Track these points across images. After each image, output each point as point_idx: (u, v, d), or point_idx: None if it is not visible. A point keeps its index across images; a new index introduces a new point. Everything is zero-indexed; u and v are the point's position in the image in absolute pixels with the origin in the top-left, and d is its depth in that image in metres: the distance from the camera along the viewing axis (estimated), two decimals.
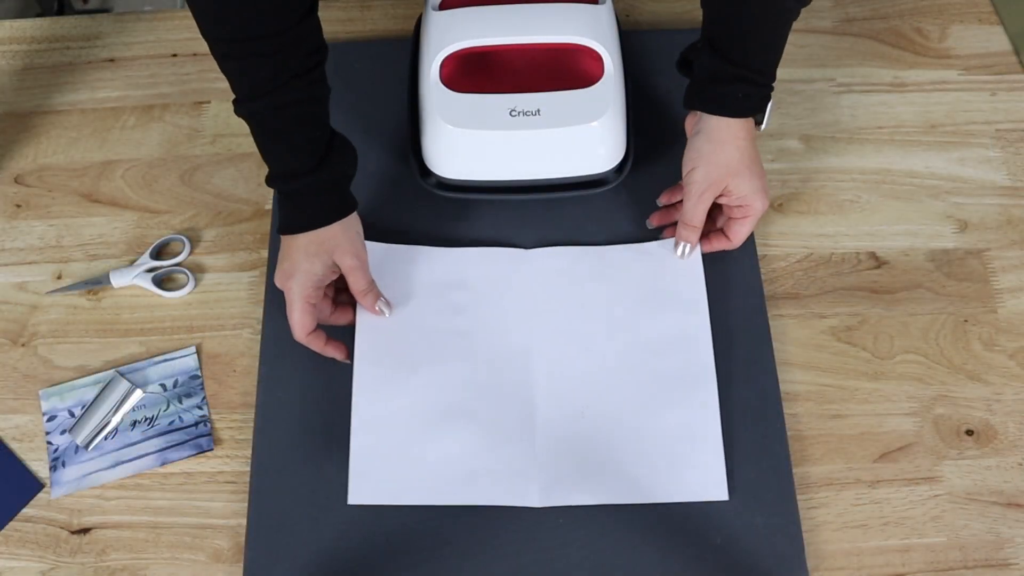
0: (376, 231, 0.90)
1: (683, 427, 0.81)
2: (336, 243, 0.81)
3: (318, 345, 0.83)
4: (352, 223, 0.83)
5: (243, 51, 0.75)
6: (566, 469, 0.79)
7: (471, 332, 0.85)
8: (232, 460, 0.82)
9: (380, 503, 0.78)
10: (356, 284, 0.83)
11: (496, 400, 0.82)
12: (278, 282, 0.82)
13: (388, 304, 0.85)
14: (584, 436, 0.81)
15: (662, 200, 0.91)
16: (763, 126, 0.87)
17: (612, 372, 0.83)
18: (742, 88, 0.83)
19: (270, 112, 0.77)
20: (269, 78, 0.76)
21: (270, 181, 0.82)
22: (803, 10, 0.81)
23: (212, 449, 0.82)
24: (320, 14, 0.76)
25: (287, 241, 0.82)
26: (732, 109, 0.84)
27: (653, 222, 0.91)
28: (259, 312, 0.88)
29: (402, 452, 0.80)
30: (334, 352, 0.83)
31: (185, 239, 0.92)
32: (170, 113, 1.00)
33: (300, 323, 0.81)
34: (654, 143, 0.94)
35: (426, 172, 0.90)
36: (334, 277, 0.83)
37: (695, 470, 0.79)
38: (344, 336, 0.84)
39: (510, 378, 0.83)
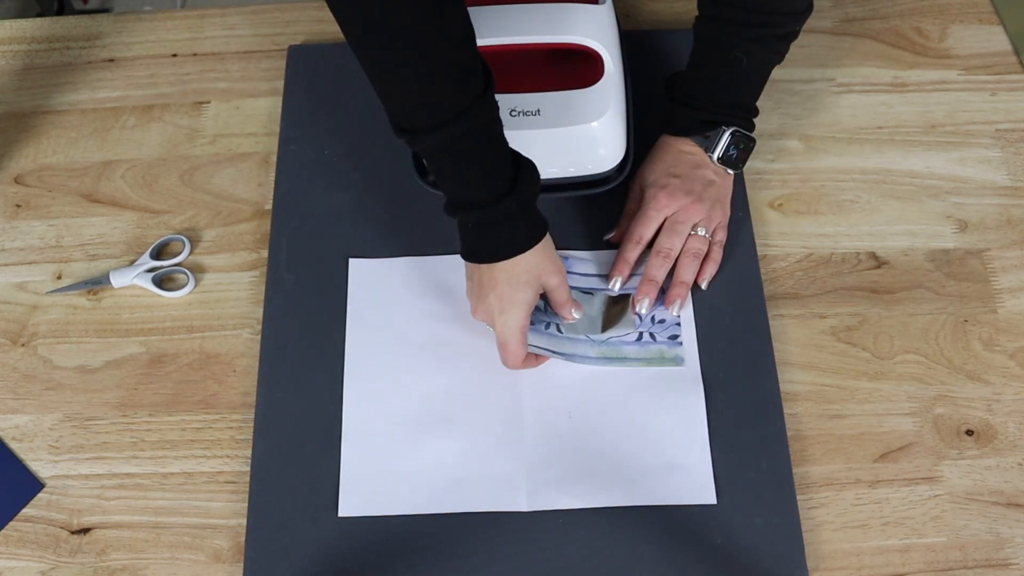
0: (374, 230, 0.90)
1: (670, 431, 0.81)
2: (543, 266, 0.79)
3: (532, 363, 0.82)
4: (549, 239, 0.80)
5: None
6: (553, 473, 0.79)
7: (456, 339, 0.85)
8: (232, 460, 0.82)
9: (370, 514, 0.78)
10: (559, 297, 0.82)
11: (483, 406, 0.82)
12: (481, 316, 0.80)
13: (578, 306, 0.83)
14: (571, 440, 0.81)
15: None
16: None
17: (598, 375, 0.83)
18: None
19: (458, 138, 0.72)
20: (452, 103, 0.71)
21: (455, 210, 0.77)
22: None
23: None
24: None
25: (481, 271, 0.78)
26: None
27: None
28: (259, 312, 0.88)
29: (391, 463, 0.80)
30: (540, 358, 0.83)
31: (185, 239, 0.92)
32: (170, 113, 1.00)
33: (517, 355, 0.80)
34: (654, 143, 0.94)
35: (424, 171, 0.90)
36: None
37: (682, 474, 0.79)
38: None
39: (496, 383, 0.83)
